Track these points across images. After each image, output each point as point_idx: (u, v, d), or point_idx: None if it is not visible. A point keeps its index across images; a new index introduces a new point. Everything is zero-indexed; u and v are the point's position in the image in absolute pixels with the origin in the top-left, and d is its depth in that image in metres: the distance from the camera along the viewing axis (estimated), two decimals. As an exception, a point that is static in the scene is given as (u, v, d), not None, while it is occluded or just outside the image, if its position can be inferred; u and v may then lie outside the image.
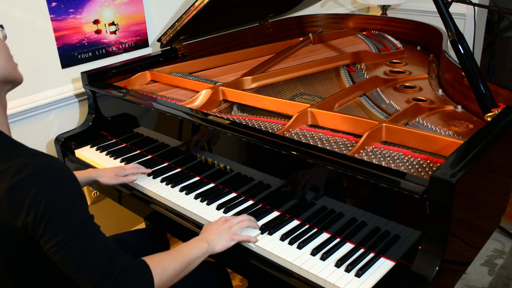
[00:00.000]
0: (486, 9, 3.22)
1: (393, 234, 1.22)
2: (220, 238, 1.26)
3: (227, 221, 1.31)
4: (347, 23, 2.81)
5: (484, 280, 2.22)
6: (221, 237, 1.26)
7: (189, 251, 1.20)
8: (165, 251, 1.19)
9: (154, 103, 1.72)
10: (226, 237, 1.27)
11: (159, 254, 1.16)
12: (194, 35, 2.31)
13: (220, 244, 1.26)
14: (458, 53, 1.48)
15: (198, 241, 1.25)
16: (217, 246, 1.25)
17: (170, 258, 1.15)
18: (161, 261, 1.13)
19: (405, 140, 1.42)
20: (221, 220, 1.32)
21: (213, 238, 1.26)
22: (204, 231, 1.30)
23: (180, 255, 1.18)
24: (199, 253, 1.22)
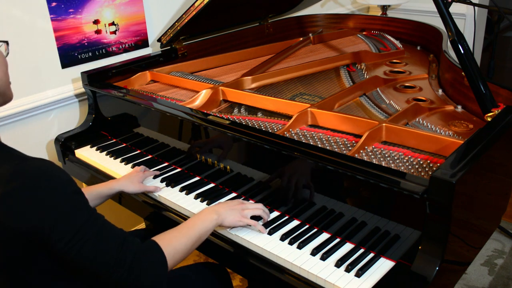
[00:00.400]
0: (486, 9, 3.22)
1: (393, 234, 1.22)
2: (231, 213, 1.27)
3: (242, 203, 1.32)
4: (347, 23, 2.81)
5: (484, 280, 2.22)
6: (232, 213, 1.27)
7: (198, 226, 1.19)
8: (175, 228, 1.18)
9: (154, 103, 1.72)
10: (237, 215, 1.28)
11: (168, 232, 1.16)
12: (194, 35, 2.31)
13: (229, 219, 1.26)
14: (458, 53, 1.48)
15: (208, 213, 1.25)
16: (226, 219, 1.26)
17: (180, 236, 1.15)
18: (172, 240, 1.12)
19: (405, 140, 1.42)
20: (236, 200, 1.34)
21: (224, 211, 1.26)
22: (217, 204, 1.31)
23: (189, 230, 1.17)
24: (209, 225, 1.22)
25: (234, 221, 1.28)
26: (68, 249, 0.98)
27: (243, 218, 1.29)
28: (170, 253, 1.09)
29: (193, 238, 1.17)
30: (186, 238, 1.15)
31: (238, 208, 1.30)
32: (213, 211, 1.26)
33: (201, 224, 1.21)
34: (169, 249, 1.09)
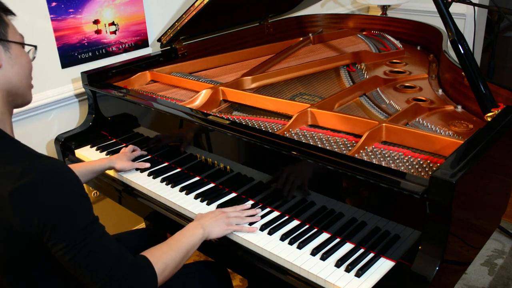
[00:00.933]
0: (486, 9, 3.22)
1: (393, 234, 1.22)
2: (216, 225, 1.29)
3: (223, 212, 1.35)
4: (347, 23, 2.81)
5: (484, 280, 2.22)
6: (217, 224, 1.29)
7: (186, 240, 1.22)
8: (164, 243, 1.19)
9: (154, 103, 1.72)
10: (222, 225, 1.30)
11: (158, 247, 1.17)
12: (194, 35, 2.31)
13: (216, 231, 1.29)
14: (458, 53, 1.48)
15: (194, 228, 1.27)
16: (212, 232, 1.28)
17: (169, 251, 1.16)
18: (162, 256, 1.13)
19: (405, 140, 1.42)
20: (218, 210, 1.38)
21: (208, 223, 1.28)
22: (200, 217, 1.33)
23: (178, 245, 1.19)
24: (196, 240, 1.24)
25: (221, 232, 1.30)
26: (67, 251, 0.98)
27: (229, 227, 1.31)
28: (160, 269, 1.10)
29: (181, 253, 1.18)
30: (175, 253, 1.17)
31: (222, 217, 1.32)
32: (198, 225, 1.28)
33: (188, 239, 1.23)
34: (160, 265, 1.11)
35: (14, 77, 1.09)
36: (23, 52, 1.13)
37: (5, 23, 1.08)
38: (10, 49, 1.08)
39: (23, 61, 1.11)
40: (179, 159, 1.71)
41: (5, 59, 1.07)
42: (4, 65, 1.06)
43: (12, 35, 1.09)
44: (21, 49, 1.12)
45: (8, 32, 1.08)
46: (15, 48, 1.09)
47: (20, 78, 1.11)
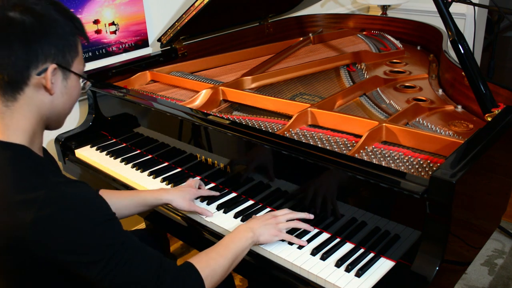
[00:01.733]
0: (486, 9, 3.22)
1: (393, 234, 1.22)
2: (266, 230, 1.23)
3: (275, 217, 1.28)
4: (347, 23, 2.81)
5: (484, 280, 2.22)
6: (266, 229, 1.24)
7: (235, 245, 1.17)
8: (212, 248, 1.15)
9: (154, 103, 1.72)
10: (272, 231, 1.24)
11: (205, 253, 1.13)
12: (194, 35, 2.31)
13: (265, 236, 1.23)
14: (458, 53, 1.47)
15: (243, 231, 1.21)
16: (262, 236, 1.22)
17: (217, 257, 1.12)
18: (209, 262, 1.09)
19: (405, 140, 1.42)
20: (269, 214, 1.30)
21: (258, 228, 1.23)
22: (250, 220, 1.28)
23: (227, 251, 1.14)
24: (245, 244, 1.19)
25: (270, 237, 1.24)
26: (102, 277, 0.94)
27: (279, 233, 1.25)
28: (208, 276, 1.06)
29: (230, 258, 1.14)
30: (223, 259, 1.12)
31: (272, 222, 1.26)
32: (248, 228, 1.22)
33: (237, 244, 1.18)
34: (207, 271, 1.07)
35: (60, 105, 1.04)
36: (77, 84, 1.07)
37: (76, 51, 1.04)
38: (68, 78, 1.03)
39: (74, 92, 1.07)
40: (179, 159, 1.71)
41: (60, 87, 1.02)
42: (57, 93, 1.02)
43: (76, 65, 1.05)
44: (77, 80, 1.07)
45: (74, 62, 1.04)
46: (73, 79, 1.05)
47: (65, 107, 1.06)
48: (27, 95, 0.99)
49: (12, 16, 0.94)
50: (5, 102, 0.99)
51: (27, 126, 1.01)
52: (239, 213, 1.41)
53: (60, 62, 1.00)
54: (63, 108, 1.06)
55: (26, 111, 1.00)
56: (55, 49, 0.98)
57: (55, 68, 0.99)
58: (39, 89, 1.00)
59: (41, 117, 1.03)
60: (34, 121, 1.02)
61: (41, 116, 1.03)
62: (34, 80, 0.98)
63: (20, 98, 0.99)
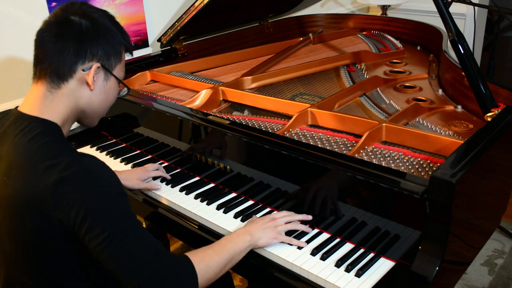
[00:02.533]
0: (486, 9, 3.22)
1: (393, 234, 1.22)
2: (264, 234, 1.25)
3: (273, 220, 1.30)
4: (347, 23, 2.81)
5: (484, 280, 2.22)
6: (265, 233, 1.25)
7: (232, 246, 1.20)
8: (209, 246, 1.18)
9: (154, 103, 1.72)
10: (271, 234, 1.26)
11: (202, 249, 1.16)
12: (194, 35, 2.31)
13: (264, 239, 1.25)
14: (458, 53, 1.48)
15: (241, 234, 1.24)
16: (260, 240, 1.24)
17: (213, 254, 1.15)
18: (205, 258, 1.13)
19: (405, 140, 1.42)
20: (268, 216, 1.31)
21: (257, 231, 1.25)
22: (248, 224, 1.30)
23: (223, 250, 1.17)
24: (242, 247, 1.21)
25: (269, 240, 1.25)
26: (104, 246, 0.99)
27: (278, 235, 1.26)
28: (202, 270, 1.09)
29: (225, 258, 1.17)
30: (219, 257, 1.15)
31: (271, 225, 1.28)
32: (246, 232, 1.24)
33: (236, 244, 1.20)
34: (201, 266, 1.10)
35: (96, 102, 1.16)
36: (116, 87, 1.20)
37: (120, 59, 1.17)
38: (109, 80, 1.16)
39: (111, 95, 1.19)
40: (179, 159, 1.71)
41: (100, 85, 1.14)
42: (96, 90, 1.14)
43: (118, 70, 1.17)
44: (116, 84, 1.19)
45: (116, 67, 1.16)
46: (112, 81, 1.17)
47: (100, 106, 1.19)
48: (70, 86, 1.11)
49: (72, 19, 1.09)
50: (49, 88, 1.10)
51: (63, 112, 1.12)
52: (239, 213, 1.41)
53: (104, 64, 1.13)
54: (99, 105, 1.18)
55: (66, 100, 1.12)
56: (102, 51, 1.12)
57: (98, 66, 1.11)
58: (82, 84, 1.12)
59: (77, 108, 1.15)
60: (69, 109, 1.13)
61: (77, 107, 1.14)
62: (79, 74, 1.10)
63: (64, 87, 1.11)
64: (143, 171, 1.59)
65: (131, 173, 1.58)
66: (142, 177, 1.57)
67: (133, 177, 1.56)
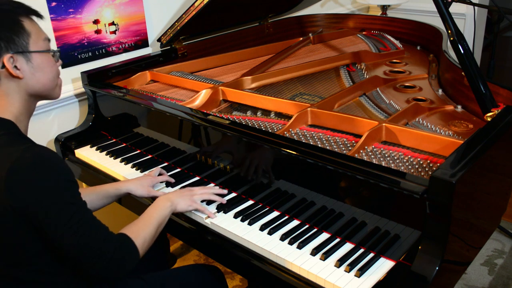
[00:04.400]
0: (486, 9, 3.22)
1: (393, 234, 1.22)
2: (181, 200, 1.38)
3: (191, 190, 1.44)
4: (347, 23, 2.81)
5: (484, 280, 2.22)
6: (182, 199, 1.39)
7: (158, 214, 1.32)
8: (138, 219, 1.28)
9: (154, 103, 1.72)
10: (187, 200, 1.39)
11: (134, 224, 1.25)
12: (194, 35, 2.31)
13: (181, 205, 1.38)
14: (458, 53, 1.48)
15: (162, 200, 1.37)
16: (179, 205, 1.38)
17: (144, 226, 1.25)
18: (139, 231, 1.22)
19: (405, 140, 1.42)
20: (186, 188, 1.46)
21: (175, 198, 1.38)
22: (168, 193, 1.43)
23: (152, 220, 1.29)
24: (166, 212, 1.34)
25: (186, 206, 1.39)
26: (55, 232, 1.05)
27: (193, 203, 1.39)
28: (139, 243, 1.19)
29: (155, 226, 1.28)
30: (150, 227, 1.26)
31: (188, 194, 1.41)
32: (166, 199, 1.37)
33: (159, 212, 1.32)
34: (139, 240, 1.19)
35: (37, 84, 1.17)
36: (46, 58, 1.18)
37: (26, 33, 1.13)
38: (32, 59, 1.14)
39: (45, 68, 1.18)
40: (179, 159, 1.71)
41: (27, 69, 1.14)
42: (26, 75, 1.14)
43: (34, 43, 1.14)
44: (43, 56, 1.17)
45: (30, 42, 1.13)
46: (37, 57, 1.15)
47: (43, 83, 1.19)
48: (4, 85, 1.13)
49: None
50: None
51: (11, 107, 1.15)
52: (239, 213, 1.41)
53: (15, 50, 1.10)
54: (43, 83, 1.19)
55: (8, 96, 1.15)
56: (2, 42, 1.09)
57: (10, 56, 1.10)
58: (11, 78, 1.13)
59: (24, 97, 1.16)
60: (17, 103, 1.16)
61: (23, 96, 1.16)
62: (1, 73, 1.12)
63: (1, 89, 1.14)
64: (151, 179, 1.56)
65: (141, 181, 1.54)
66: (151, 184, 1.55)
67: (145, 184, 1.53)
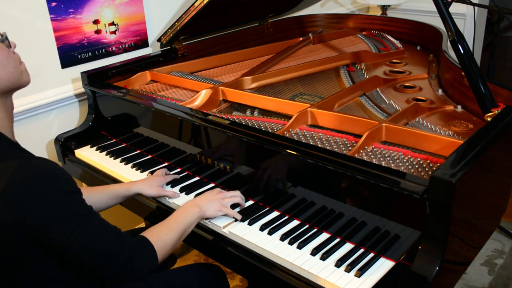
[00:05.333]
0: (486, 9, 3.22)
1: (393, 234, 1.22)
2: (211, 205, 1.34)
3: (220, 193, 1.39)
4: (347, 23, 2.81)
5: (484, 280, 2.22)
6: (211, 205, 1.34)
7: (184, 219, 1.27)
8: (162, 222, 1.25)
9: (154, 103, 1.72)
10: (217, 206, 1.35)
11: (157, 227, 1.22)
12: (194, 35, 2.31)
13: (210, 210, 1.34)
14: (458, 53, 1.48)
15: (190, 206, 1.32)
16: (208, 211, 1.33)
17: (167, 230, 1.22)
18: (161, 235, 1.19)
19: (405, 140, 1.42)
20: (215, 190, 1.41)
21: (204, 203, 1.34)
22: (197, 197, 1.38)
23: (176, 225, 1.25)
24: (192, 219, 1.30)
25: (215, 212, 1.34)
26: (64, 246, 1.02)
27: (223, 208, 1.35)
28: (160, 247, 1.17)
29: (179, 231, 1.24)
30: (173, 232, 1.22)
31: (218, 198, 1.37)
32: (194, 204, 1.32)
33: (186, 218, 1.28)
34: (159, 244, 1.17)
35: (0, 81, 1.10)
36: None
37: None
38: None
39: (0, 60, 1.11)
40: (179, 159, 1.71)
41: None
42: None
43: None
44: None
45: None
46: None
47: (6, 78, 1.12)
48: None
49: None
50: None
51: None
52: (239, 213, 1.41)
53: None
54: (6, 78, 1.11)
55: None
56: None
57: None
58: None
59: None
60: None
61: None
62: None
63: None
64: (160, 179, 1.54)
65: (150, 181, 1.53)
66: (161, 184, 1.54)
67: (154, 184, 1.51)
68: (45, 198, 1.00)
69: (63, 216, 1.02)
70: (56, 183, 1.02)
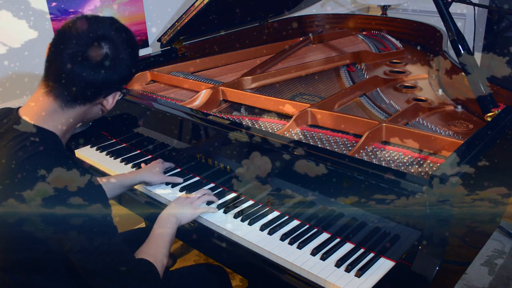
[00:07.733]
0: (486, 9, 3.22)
1: (393, 234, 1.22)
2: (184, 212, 1.39)
3: (187, 198, 1.43)
4: (347, 23, 2.81)
5: (484, 280, 2.22)
6: (184, 211, 1.39)
7: (167, 233, 1.31)
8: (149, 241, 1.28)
9: (154, 103, 1.72)
10: (189, 210, 1.39)
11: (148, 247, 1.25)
12: (194, 35, 2.31)
13: (185, 217, 1.38)
14: (458, 53, 1.48)
15: (167, 219, 1.36)
16: (183, 219, 1.38)
17: (158, 248, 1.26)
18: (157, 255, 1.23)
19: (405, 140, 1.42)
20: (181, 197, 1.45)
21: (178, 211, 1.38)
22: (170, 207, 1.41)
23: (163, 240, 1.29)
24: (174, 229, 1.34)
25: (190, 217, 1.39)
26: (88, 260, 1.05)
27: (195, 211, 1.40)
28: (159, 266, 1.21)
29: (167, 244, 1.29)
30: (163, 248, 1.27)
31: (187, 203, 1.41)
32: (171, 215, 1.36)
33: (168, 230, 1.32)
34: (158, 263, 1.21)
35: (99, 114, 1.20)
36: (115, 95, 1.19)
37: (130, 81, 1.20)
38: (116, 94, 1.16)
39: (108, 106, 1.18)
40: (179, 159, 1.71)
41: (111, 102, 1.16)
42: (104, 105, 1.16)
43: None
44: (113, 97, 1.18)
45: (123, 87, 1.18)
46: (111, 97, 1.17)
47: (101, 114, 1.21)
48: (85, 107, 1.13)
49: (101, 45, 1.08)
50: (62, 106, 1.10)
51: (67, 123, 1.13)
52: (239, 213, 1.41)
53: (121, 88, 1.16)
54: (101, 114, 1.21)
55: (75, 115, 1.13)
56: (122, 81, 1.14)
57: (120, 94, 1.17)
58: (97, 105, 1.15)
59: (82, 119, 1.17)
60: (74, 122, 1.15)
61: (83, 119, 1.17)
62: (99, 100, 1.13)
63: (78, 108, 1.12)
64: (159, 165, 1.62)
65: (151, 169, 1.60)
66: (162, 170, 1.61)
67: (157, 171, 1.59)
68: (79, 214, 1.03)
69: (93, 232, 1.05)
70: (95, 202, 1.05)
